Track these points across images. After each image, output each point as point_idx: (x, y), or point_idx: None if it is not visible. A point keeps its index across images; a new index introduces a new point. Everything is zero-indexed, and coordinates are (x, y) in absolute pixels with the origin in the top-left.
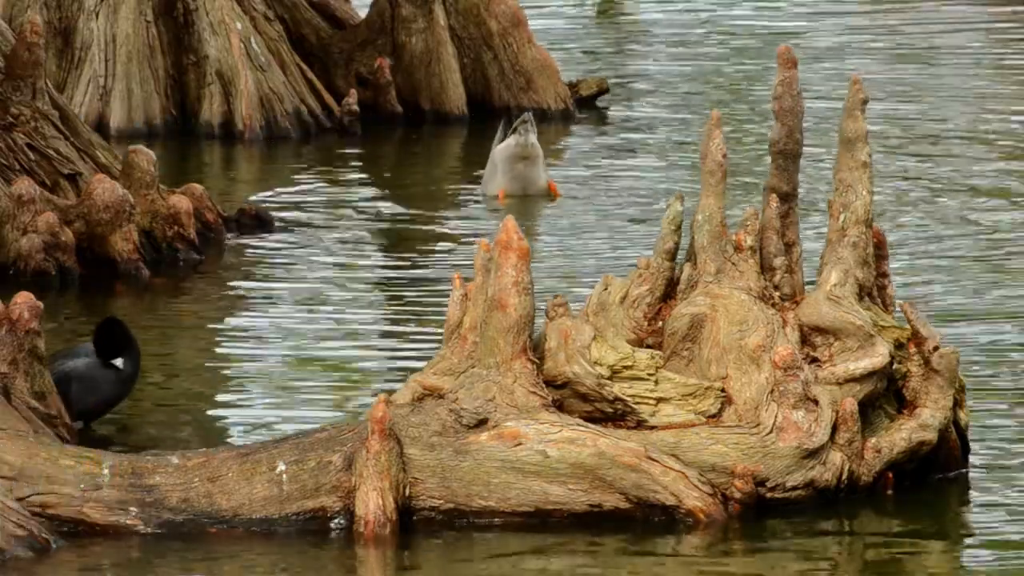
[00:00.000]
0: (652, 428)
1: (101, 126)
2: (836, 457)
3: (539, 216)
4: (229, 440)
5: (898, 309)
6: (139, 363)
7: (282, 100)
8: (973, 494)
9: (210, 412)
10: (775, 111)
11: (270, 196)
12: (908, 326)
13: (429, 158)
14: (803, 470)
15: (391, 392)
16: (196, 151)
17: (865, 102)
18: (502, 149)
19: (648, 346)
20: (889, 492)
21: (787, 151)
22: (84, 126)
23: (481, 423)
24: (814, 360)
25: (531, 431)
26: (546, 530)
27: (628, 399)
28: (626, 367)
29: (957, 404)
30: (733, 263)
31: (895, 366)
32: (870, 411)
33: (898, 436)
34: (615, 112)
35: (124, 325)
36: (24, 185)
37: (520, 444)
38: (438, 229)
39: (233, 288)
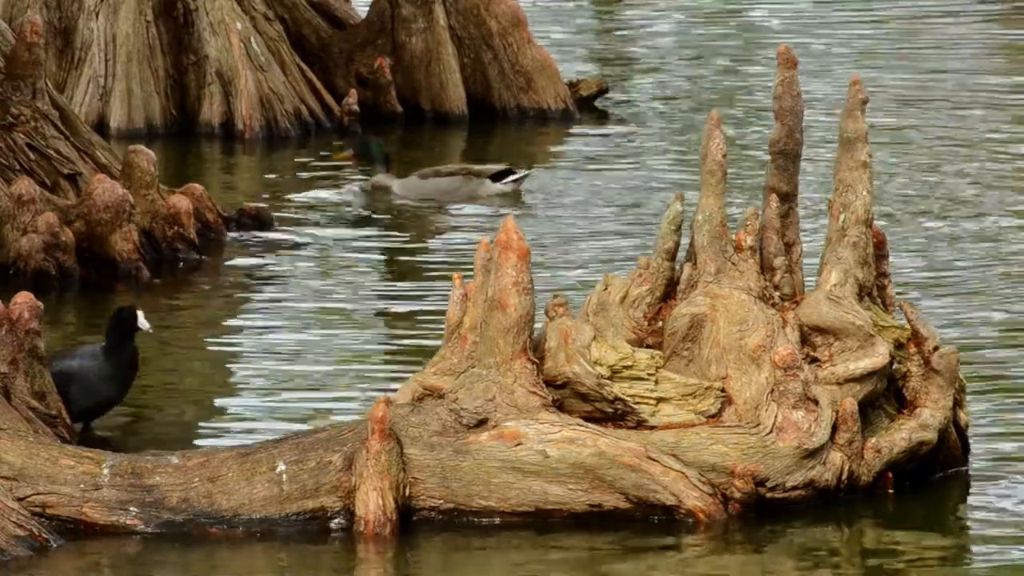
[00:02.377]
0: (652, 428)
1: (101, 126)
2: (836, 457)
3: (539, 216)
4: (229, 440)
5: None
6: (137, 363)
7: (282, 100)
8: (973, 494)
9: (210, 412)
10: (775, 111)
11: (270, 196)
12: (908, 326)
13: (429, 158)
14: (803, 470)
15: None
16: (196, 151)
17: (865, 102)
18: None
19: (648, 346)
20: (889, 492)
21: (787, 151)
22: (84, 126)
23: (481, 423)
24: (814, 360)
25: (531, 431)
26: (546, 530)
27: (628, 399)
28: (626, 367)
29: (957, 404)
30: (733, 263)
31: (895, 366)
32: (870, 411)
33: (898, 436)
34: (615, 112)
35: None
36: (24, 185)
37: (520, 444)
38: (438, 229)
39: (233, 288)
